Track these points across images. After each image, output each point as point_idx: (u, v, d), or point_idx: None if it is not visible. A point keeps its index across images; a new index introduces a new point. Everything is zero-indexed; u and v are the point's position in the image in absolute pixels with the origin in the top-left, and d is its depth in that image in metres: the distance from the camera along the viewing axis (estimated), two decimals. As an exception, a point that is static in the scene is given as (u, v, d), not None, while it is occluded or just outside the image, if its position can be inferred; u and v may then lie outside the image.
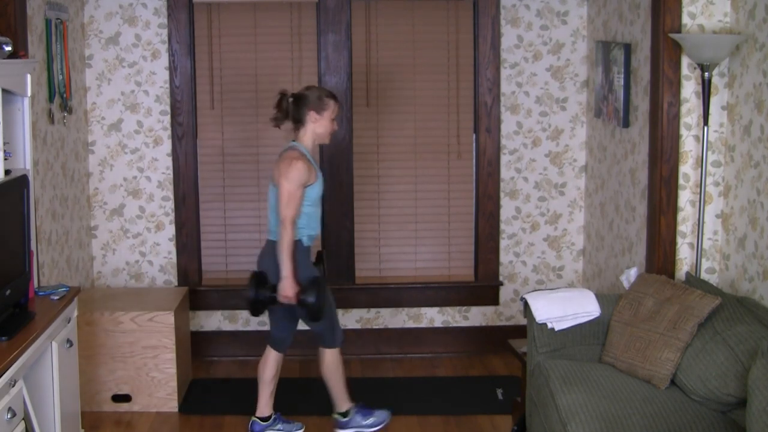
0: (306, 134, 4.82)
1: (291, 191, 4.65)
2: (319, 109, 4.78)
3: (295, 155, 4.71)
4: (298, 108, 4.80)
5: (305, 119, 4.79)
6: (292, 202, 4.65)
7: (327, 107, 4.79)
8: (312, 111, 4.77)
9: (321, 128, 4.81)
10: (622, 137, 5.33)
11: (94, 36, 5.88)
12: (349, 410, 5.07)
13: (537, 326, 4.47)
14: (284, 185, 4.65)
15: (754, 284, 4.31)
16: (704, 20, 4.59)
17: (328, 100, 4.80)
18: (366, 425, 5.08)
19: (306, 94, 4.81)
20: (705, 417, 3.81)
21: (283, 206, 4.64)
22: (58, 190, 5.30)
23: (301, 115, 4.79)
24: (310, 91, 4.83)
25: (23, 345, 3.64)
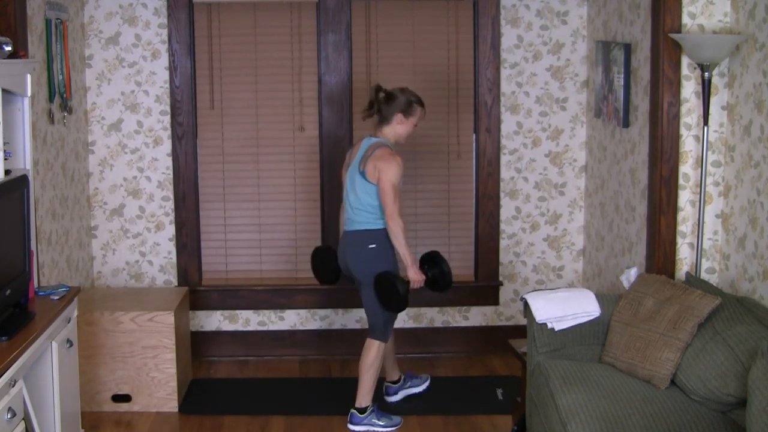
0: (389, 132, 5.05)
1: (396, 185, 4.92)
2: (407, 113, 5.03)
3: (390, 152, 4.96)
4: (387, 106, 5.02)
5: (391, 119, 5.03)
6: (397, 195, 4.93)
7: (414, 113, 5.05)
8: (400, 113, 5.02)
9: (403, 131, 5.07)
10: (622, 137, 5.33)
11: (94, 36, 5.88)
12: (366, 408, 5.12)
13: (537, 326, 4.47)
14: (388, 181, 4.90)
15: (754, 284, 4.31)
16: (704, 20, 4.59)
17: (417, 107, 5.05)
18: (379, 425, 5.11)
19: (398, 95, 5.03)
20: (705, 417, 3.81)
21: (390, 201, 4.90)
22: (58, 190, 5.30)
23: (388, 114, 5.02)
24: (403, 93, 5.05)
25: (23, 345, 3.64)
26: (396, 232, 4.92)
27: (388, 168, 4.89)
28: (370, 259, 5.01)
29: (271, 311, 6.15)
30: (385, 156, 4.93)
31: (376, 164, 4.92)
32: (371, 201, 4.98)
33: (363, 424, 5.10)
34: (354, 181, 5.03)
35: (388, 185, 4.89)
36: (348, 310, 6.16)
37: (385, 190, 4.90)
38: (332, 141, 6.00)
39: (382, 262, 5.00)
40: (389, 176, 4.89)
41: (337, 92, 5.96)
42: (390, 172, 4.89)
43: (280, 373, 5.93)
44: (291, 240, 6.14)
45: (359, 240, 5.03)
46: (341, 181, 6.02)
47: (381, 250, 5.00)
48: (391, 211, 4.90)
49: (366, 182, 4.97)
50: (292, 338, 6.16)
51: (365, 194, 4.98)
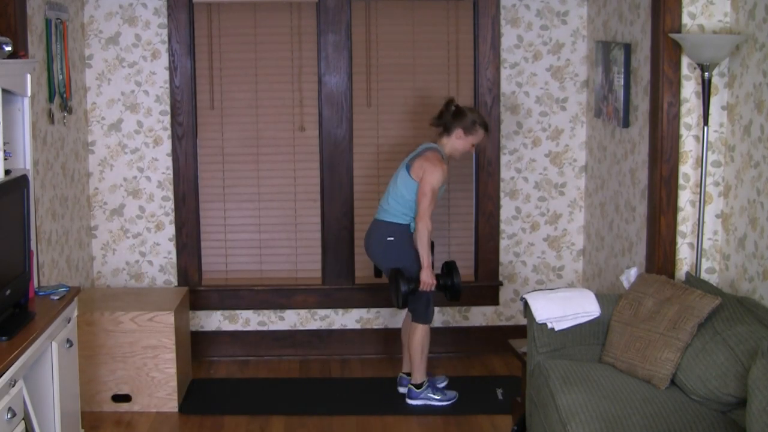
0: (447, 144, 5.30)
1: (435, 189, 5.15)
2: (467, 131, 5.26)
3: (439, 157, 5.20)
4: (453, 119, 5.27)
5: (452, 132, 5.27)
6: (434, 199, 5.16)
7: (475, 133, 5.27)
8: (461, 129, 5.25)
9: (460, 146, 5.30)
10: (622, 137, 5.33)
11: (94, 36, 5.88)
12: (423, 383, 5.37)
13: (537, 326, 4.47)
14: (429, 183, 5.13)
15: (754, 284, 4.31)
16: (704, 20, 4.59)
17: (479, 129, 5.27)
18: (435, 399, 5.36)
19: (466, 113, 5.27)
20: (705, 417, 3.81)
21: (425, 203, 5.13)
22: (58, 190, 5.30)
23: (451, 126, 5.27)
24: (471, 112, 5.30)
25: (23, 345, 3.64)
26: (422, 233, 5.15)
27: (432, 171, 5.13)
28: (387, 250, 5.29)
29: (271, 311, 6.15)
30: (433, 159, 5.17)
31: (423, 164, 5.17)
32: (406, 195, 5.22)
33: (420, 398, 5.36)
34: (398, 173, 5.29)
35: (428, 187, 5.13)
36: (348, 310, 6.16)
37: (425, 191, 5.13)
38: (332, 141, 6.00)
39: (396, 255, 5.27)
40: (431, 179, 5.13)
41: (337, 92, 5.96)
42: (433, 176, 5.13)
43: (280, 373, 5.93)
44: (291, 240, 6.14)
45: (382, 230, 5.30)
46: (339, 182, 6.03)
47: (398, 244, 5.26)
48: (424, 213, 5.14)
49: (408, 176, 5.20)
50: (292, 338, 6.16)
51: (403, 187, 5.22)
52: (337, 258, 6.09)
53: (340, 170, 6.02)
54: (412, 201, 5.22)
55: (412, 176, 5.20)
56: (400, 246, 5.26)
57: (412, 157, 5.29)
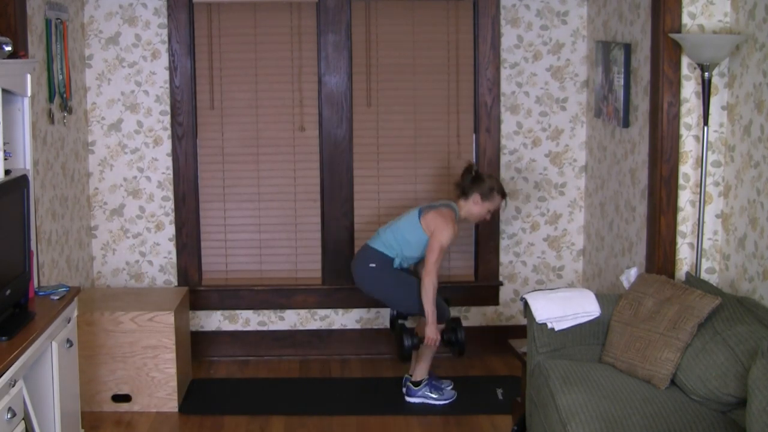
0: (464, 207, 5.36)
1: (443, 247, 5.19)
2: (484, 197, 5.31)
3: (453, 217, 5.26)
4: (472, 184, 5.32)
5: (470, 196, 5.33)
6: (441, 256, 5.20)
7: (492, 200, 5.33)
8: (478, 194, 5.31)
9: (476, 211, 5.35)
10: (622, 137, 5.33)
11: (94, 36, 5.88)
12: (421, 381, 5.39)
13: (537, 326, 4.47)
14: (439, 240, 5.18)
15: (754, 284, 4.31)
16: (704, 20, 4.59)
17: (497, 196, 5.34)
18: (433, 398, 5.38)
19: (485, 179, 5.33)
20: (705, 417, 3.81)
21: (433, 259, 5.17)
22: (58, 190, 5.30)
23: (469, 191, 5.33)
24: (490, 179, 5.35)
25: (23, 345, 3.64)
26: (428, 288, 5.18)
27: (444, 229, 5.19)
28: (368, 275, 5.35)
29: (271, 311, 6.15)
30: (447, 217, 5.23)
31: (436, 219, 5.23)
32: (407, 236, 5.29)
33: (418, 396, 5.39)
34: (408, 214, 5.36)
35: (437, 244, 5.18)
36: (348, 310, 6.16)
37: (434, 247, 5.18)
38: (332, 141, 6.00)
39: (375, 282, 5.36)
40: (441, 237, 5.18)
41: (337, 92, 5.96)
42: (444, 234, 5.18)
43: (280, 373, 5.93)
44: (291, 240, 6.14)
45: (367, 256, 5.35)
46: (339, 182, 6.03)
47: (377, 271, 5.32)
48: (431, 269, 5.17)
49: (417, 222, 5.27)
50: (292, 338, 6.16)
51: (408, 228, 5.29)
52: (337, 258, 6.09)
53: (340, 170, 6.02)
54: (408, 243, 5.29)
55: (422, 224, 5.26)
56: (380, 273, 5.32)
57: (428, 206, 5.35)
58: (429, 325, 5.23)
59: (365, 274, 5.36)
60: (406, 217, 5.35)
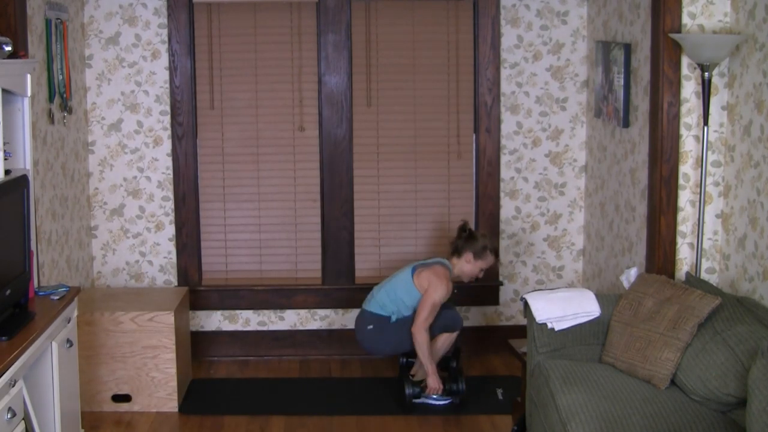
0: (456, 265, 5.40)
1: (436, 304, 5.24)
2: (477, 256, 5.36)
3: (446, 274, 5.31)
4: (464, 243, 5.37)
5: (462, 255, 5.38)
6: (433, 312, 5.25)
7: (484, 258, 5.38)
8: (471, 253, 5.36)
9: (468, 269, 5.40)
10: (622, 137, 5.33)
11: (94, 36, 5.88)
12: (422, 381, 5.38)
13: (537, 326, 4.47)
14: (432, 298, 5.23)
15: (754, 284, 4.31)
16: (704, 20, 4.60)
17: (489, 255, 5.39)
18: (433, 398, 5.36)
19: (478, 238, 5.38)
20: (705, 417, 3.81)
21: (425, 315, 5.22)
22: (58, 190, 5.30)
23: (462, 250, 5.38)
24: (483, 238, 5.41)
25: (23, 345, 3.64)
26: (421, 342, 5.24)
27: (437, 286, 5.24)
28: (369, 337, 5.38)
29: (271, 311, 6.15)
30: (440, 274, 5.28)
31: (430, 277, 5.28)
32: (401, 295, 5.34)
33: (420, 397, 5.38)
34: (401, 272, 5.41)
35: (430, 301, 5.23)
36: (348, 310, 6.16)
37: (426, 304, 5.24)
38: (332, 141, 6.00)
39: (377, 341, 5.37)
40: (435, 295, 5.24)
41: (337, 92, 5.96)
42: (438, 291, 5.24)
43: (280, 373, 5.93)
44: (291, 240, 6.14)
45: (365, 320, 5.40)
46: (339, 182, 6.03)
47: (376, 331, 5.35)
48: (421, 325, 5.23)
49: (411, 281, 5.32)
50: (292, 338, 6.16)
51: (401, 286, 5.34)
52: (337, 258, 6.09)
53: (340, 170, 6.02)
54: (402, 303, 5.33)
55: (415, 283, 5.31)
56: (378, 334, 5.35)
57: (421, 264, 5.40)
58: (430, 376, 5.28)
59: (365, 336, 5.40)
60: (399, 276, 5.39)
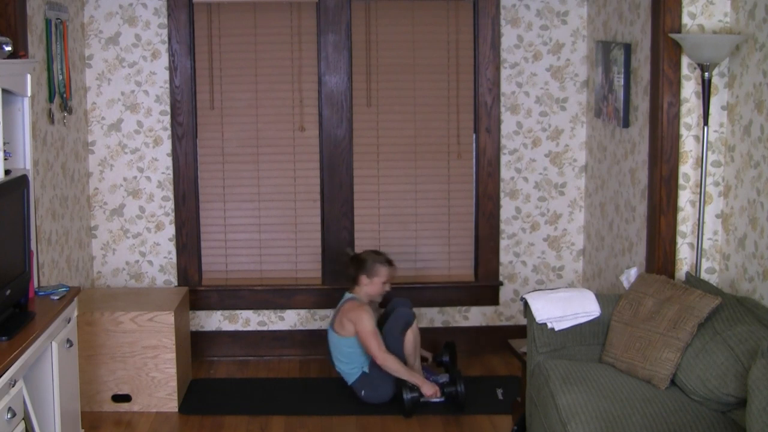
0: (359, 292, 5.44)
1: (372, 331, 5.23)
2: (371, 275, 5.40)
3: (357, 304, 5.33)
4: (353, 269, 5.43)
5: (359, 281, 5.43)
6: (375, 339, 5.22)
7: (378, 273, 5.40)
8: (363, 275, 5.40)
9: (371, 290, 5.43)
10: (622, 137, 5.33)
11: (94, 36, 5.88)
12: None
13: (537, 326, 4.47)
14: (365, 328, 5.23)
15: (754, 284, 4.31)
16: (704, 20, 4.60)
17: (381, 267, 5.40)
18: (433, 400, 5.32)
19: (363, 258, 5.42)
20: (705, 417, 3.81)
21: (374, 346, 5.21)
22: (58, 190, 5.30)
23: (356, 276, 5.43)
24: (368, 254, 5.45)
25: (23, 345, 3.64)
26: (392, 368, 5.22)
27: (359, 318, 5.25)
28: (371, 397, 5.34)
29: (271, 311, 6.15)
30: (353, 308, 5.31)
31: (347, 318, 5.30)
32: (348, 353, 5.36)
33: None
34: (330, 337, 5.44)
35: (366, 334, 5.24)
36: (348, 310, 6.16)
37: (365, 338, 5.24)
38: (332, 141, 6.00)
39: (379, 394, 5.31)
40: (364, 325, 5.23)
41: (337, 92, 5.96)
42: (363, 322, 5.24)
43: (280, 373, 5.93)
44: (291, 240, 6.14)
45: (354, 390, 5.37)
46: (339, 182, 6.03)
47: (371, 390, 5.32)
48: (379, 353, 5.22)
49: (339, 337, 5.36)
50: (292, 338, 6.16)
51: (340, 349, 5.38)
52: (337, 258, 6.08)
53: (340, 170, 6.02)
54: (353, 356, 5.34)
55: (343, 335, 5.34)
56: (374, 389, 5.32)
57: (334, 316, 5.44)
58: (422, 386, 5.23)
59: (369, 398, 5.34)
60: (331, 342, 5.43)
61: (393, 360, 5.23)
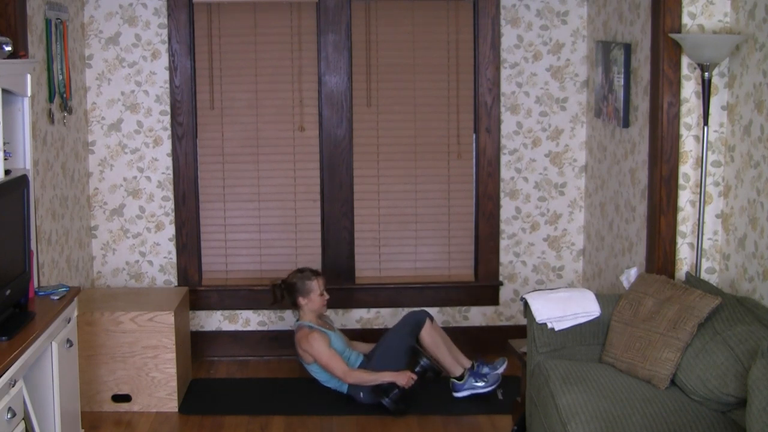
0: (305, 313, 5.48)
1: (328, 356, 5.29)
2: (305, 294, 5.45)
3: (305, 332, 5.37)
4: (289, 295, 5.49)
5: (299, 304, 5.48)
6: (334, 361, 5.28)
7: (311, 289, 5.45)
8: (299, 296, 5.46)
9: (312, 306, 5.47)
10: (622, 137, 5.33)
11: (94, 36, 5.88)
12: (463, 374, 5.43)
13: (537, 326, 4.47)
14: (321, 354, 5.29)
15: (754, 284, 4.31)
16: (704, 20, 4.60)
17: (311, 282, 5.46)
18: (480, 387, 5.40)
19: (291, 282, 5.46)
20: (705, 417, 3.81)
21: (336, 368, 5.28)
22: (58, 190, 5.30)
23: (293, 300, 5.49)
24: (296, 277, 5.47)
25: (23, 345, 3.64)
26: (362, 381, 5.27)
27: (311, 346, 5.31)
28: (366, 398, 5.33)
29: (271, 311, 6.15)
30: (302, 337, 5.36)
31: (301, 347, 5.37)
32: (321, 372, 5.42)
33: (464, 389, 5.40)
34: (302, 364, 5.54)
35: (323, 359, 5.30)
36: (348, 310, 6.16)
37: (325, 363, 5.31)
38: (332, 141, 6.00)
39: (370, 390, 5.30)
40: (319, 352, 5.30)
41: (337, 92, 5.96)
42: (315, 348, 5.30)
43: (280, 373, 5.93)
44: (291, 240, 6.14)
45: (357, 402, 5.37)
46: (339, 182, 6.03)
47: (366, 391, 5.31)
48: (343, 374, 5.28)
49: (306, 364, 5.45)
50: (292, 338, 6.15)
51: (315, 372, 5.45)
52: (337, 258, 6.09)
53: (340, 170, 6.02)
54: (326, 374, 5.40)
55: (307, 362, 5.40)
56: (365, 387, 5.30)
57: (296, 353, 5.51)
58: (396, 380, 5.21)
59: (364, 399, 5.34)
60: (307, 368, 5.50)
61: (358, 374, 5.28)
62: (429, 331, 5.46)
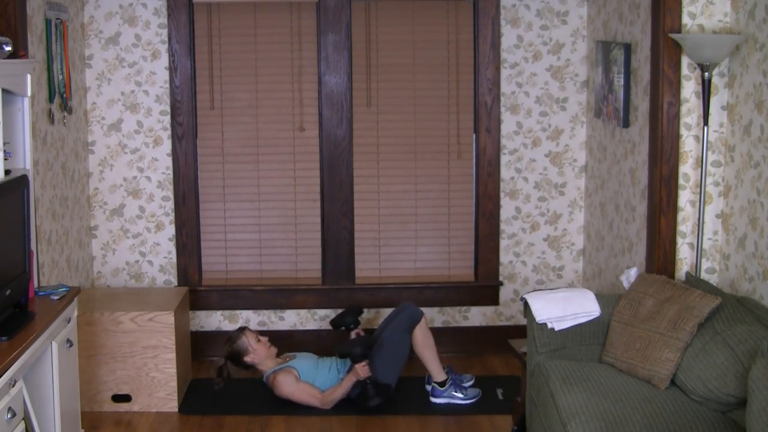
0: (261, 364, 5.45)
1: (299, 392, 5.32)
2: (247, 352, 5.43)
3: (271, 379, 5.39)
4: (237, 363, 5.46)
5: (249, 363, 5.46)
6: (306, 395, 5.32)
7: (248, 345, 5.43)
8: (245, 357, 5.44)
9: (261, 354, 5.44)
10: (622, 137, 5.33)
11: (94, 36, 5.88)
12: (446, 381, 5.44)
13: (537, 326, 4.47)
14: (295, 393, 5.32)
15: (754, 284, 4.31)
16: (704, 20, 4.60)
17: (243, 339, 5.43)
18: (459, 398, 5.41)
19: (230, 351, 5.44)
20: (705, 417, 3.81)
21: (312, 399, 5.32)
22: (58, 190, 5.30)
23: (244, 364, 5.47)
24: (229, 347, 5.45)
25: (23, 345, 3.64)
26: (334, 398, 5.29)
27: (281, 389, 5.33)
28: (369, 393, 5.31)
29: (271, 311, 6.15)
30: (274, 387, 5.37)
31: (280, 390, 5.35)
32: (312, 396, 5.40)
33: (443, 396, 5.41)
34: None
35: (296, 397, 5.32)
36: (348, 310, 6.16)
37: (302, 398, 5.33)
38: (332, 141, 6.00)
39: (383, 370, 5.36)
40: (290, 393, 5.32)
41: (337, 92, 5.96)
42: (285, 389, 5.32)
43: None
44: (291, 240, 6.14)
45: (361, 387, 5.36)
46: (339, 182, 6.03)
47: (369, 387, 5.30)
48: (320, 402, 5.31)
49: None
50: (292, 338, 6.16)
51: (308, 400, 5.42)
52: (337, 258, 6.09)
53: (340, 170, 6.02)
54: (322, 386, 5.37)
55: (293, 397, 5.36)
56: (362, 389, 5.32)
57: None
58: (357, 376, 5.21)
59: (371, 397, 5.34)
60: None
61: (328, 395, 5.29)
62: (423, 329, 5.45)
